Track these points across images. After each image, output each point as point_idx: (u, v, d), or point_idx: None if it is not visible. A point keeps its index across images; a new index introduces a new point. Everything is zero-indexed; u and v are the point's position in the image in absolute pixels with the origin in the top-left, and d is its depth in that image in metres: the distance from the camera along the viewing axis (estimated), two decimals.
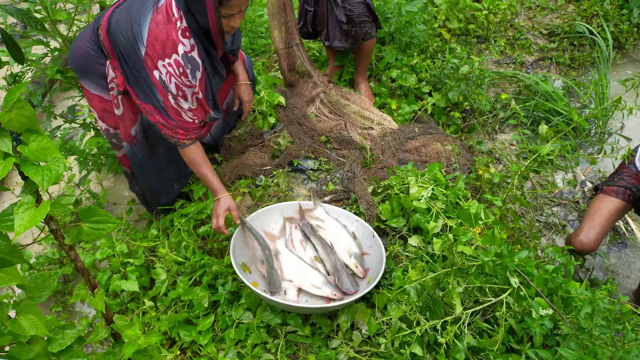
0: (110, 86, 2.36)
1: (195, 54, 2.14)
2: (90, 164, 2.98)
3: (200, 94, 2.21)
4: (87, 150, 2.85)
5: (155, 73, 2.12)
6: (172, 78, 2.12)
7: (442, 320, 1.80)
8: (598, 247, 2.46)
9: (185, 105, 2.21)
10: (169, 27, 2.07)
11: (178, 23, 2.08)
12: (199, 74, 2.18)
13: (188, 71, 2.12)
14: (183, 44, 2.09)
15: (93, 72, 2.36)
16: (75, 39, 2.40)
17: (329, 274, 2.29)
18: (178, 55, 2.09)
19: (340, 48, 3.18)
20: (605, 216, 2.44)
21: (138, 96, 2.22)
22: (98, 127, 2.83)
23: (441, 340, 1.76)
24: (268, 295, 2.05)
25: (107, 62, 2.31)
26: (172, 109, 2.20)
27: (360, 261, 2.28)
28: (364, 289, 2.07)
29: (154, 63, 2.10)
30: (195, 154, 2.34)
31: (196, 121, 2.28)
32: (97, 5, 2.85)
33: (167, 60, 2.09)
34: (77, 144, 3.00)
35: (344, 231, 2.39)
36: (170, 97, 2.17)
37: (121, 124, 2.48)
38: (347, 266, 2.28)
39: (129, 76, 2.20)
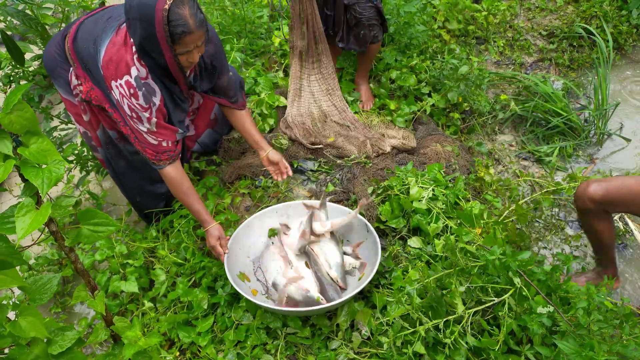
0: (74, 92, 2.33)
1: (150, 81, 2.08)
2: (88, 167, 2.98)
3: (155, 119, 2.13)
4: (63, 156, 2.86)
5: (113, 93, 2.09)
6: (125, 99, 2.06)
7: (445, 319, 1.80)
8: (595, 203, 2.15)
9: (142, 128, 2.13)
10: (124, 49, 2.03)
11: (133, 48, 2.03)
12: (156, 100, 2.10)
13: (140, 94, 2.05)
14: (137, 69, 2.04)
15: (60, 77, 2.34)
16: (48, 43, 2.36)
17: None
18: (130, 77, 2.03)
19: (352, 50, 3.19)
20: (630, 183, 2.11)
21: (111, 105, 2.20)
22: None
23: (444, 339, 1.76)
24: (265, 304, 2.05)
25: (71, 69, 2.28)
26: (134, 129, 2.15)
27: (342, 275, 2.27)
28: (361, 284, 2.08)
29: (109, 83, 2.07)
30: (174, 180, 2.25)
31: (163, 143, 2.18)
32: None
33: (119, 81, 2.03)
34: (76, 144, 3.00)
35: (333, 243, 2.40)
36: (127, 117, 2.12)
37: (89, 129, 2.47)
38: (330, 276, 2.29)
39: (101, 86, 2.18)
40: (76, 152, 3.00)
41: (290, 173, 2.55)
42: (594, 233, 2.32)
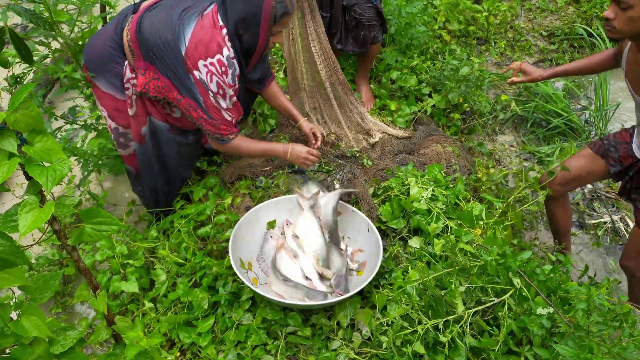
0: (126, 86, 2.41)
1: (236, 62, 2.27)
2: (91, 165, 2.96)
3: (235, 97, 2.35)
4: (89, 152, 2.84)
5: (196, 73, 2.21)
6: (214, 77, 2.22)
7: (444, 319, 1.80)
8: (560, 191, 2.55)
9: (224, 105, 2.31)
10: (214, 30, 2.19)
11: (224, 30, 2.20)
12: (237, 80, 2.30)
13: (230, 72, 2.24)
14: (228, 49, 2.21)
15: (109, 71, 2.40)
16: (92, 37, 2.44)
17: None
18: (222, 56, 2.20)
19: (351, 51, 3.19)
20: (571, 159, 2.50)
21: (180, 91, 2.29)
22: (106, 126, 2.84)
23: (443, 339, 1.76)
24: (266, 294, 2.06)
25: (126, 62, 2.36)
26: (212, 107, 2.30)
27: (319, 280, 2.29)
28: (361, 284, 2.09)
29: (195, 63, 2.19)
30: (243, 143, 2.46)
31: (234, 120, 2.41)
32: (99, 6, 2.84)
33: (209, 60, 2.19)
34: (79, 145, 2.99)
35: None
36: (210, 96, 2.27)
37: (133, 123, 2.52)
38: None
39: (168, 74, 2.28)
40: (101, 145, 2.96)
41: (318, 144, 2.73)
42: (553, 218, 2.69)
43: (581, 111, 3.64)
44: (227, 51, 2.21)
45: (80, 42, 2.64)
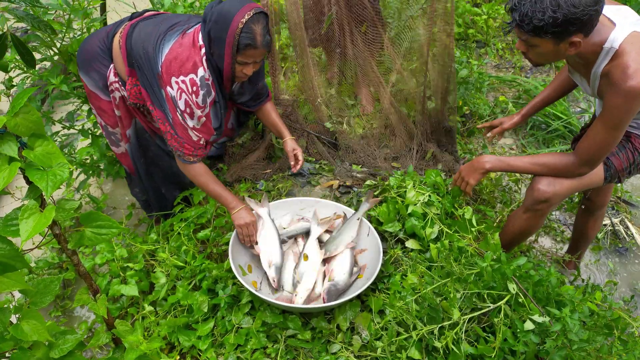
0: (110, 89, 2.44)
1: (211, 83, 2.23)
2: (87, 172, 2.97)
3: (204, 118, 2.28)
4: (78, 160, 2.85)
5: (168, 89, 2.20)
6: (183, 94, 2.19)
7: (440, 325, 1.79)
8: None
9: (190, 124, 2.26)
10: (193, 50, 2.18)
11: (202, 50, 2.18)
12: (209, 100, 2.26)
13: (201, 92, 2.20)
14: (205, 69, 2.19)
15: (96, 71, 2.44)
16: (89, 36, 2.48)
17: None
18: (196, 76, 2.18)
19: None
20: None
21: (152, 102, 2.29)
22: (98, 127, 2.90)
23: (438, 345, 1.75)
24: (265, 297, 2.06)
25: (111, 66, 2.39)
26: (179, 124, 2.26)
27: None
28: (361, 286, 2.09)
29: (168, 79, 2.18)
30: (200, 171, 2.35)
31: (201, 141, 2.32)
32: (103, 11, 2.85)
33: (181, 77, 2.17)
34: (76, 150, 3.00)
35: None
36: (178, 113, 2.23)
37: (119, 124, 2.56)
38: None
39: (145, 84, 2.28)
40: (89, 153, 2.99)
41: (297, 168, 2.58)
42: (583, 227, 2.57)
43: (580, 114, 3.64)
44: (203, 72, 2.19)
45: (70, 51, 2.66)
